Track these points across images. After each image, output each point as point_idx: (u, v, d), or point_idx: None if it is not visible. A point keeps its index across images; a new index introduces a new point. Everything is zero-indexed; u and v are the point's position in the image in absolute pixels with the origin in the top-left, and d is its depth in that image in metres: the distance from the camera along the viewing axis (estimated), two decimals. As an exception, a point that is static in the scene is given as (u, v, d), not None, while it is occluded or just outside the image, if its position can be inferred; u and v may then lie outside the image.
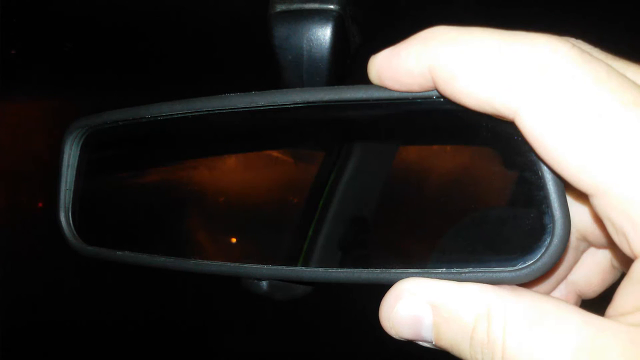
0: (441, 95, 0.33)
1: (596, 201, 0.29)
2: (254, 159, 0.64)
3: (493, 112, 0.30)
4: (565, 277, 0.44)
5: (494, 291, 0.32)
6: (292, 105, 0.39)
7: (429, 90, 0.33)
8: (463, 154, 0.50)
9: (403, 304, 0.34)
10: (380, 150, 0.58)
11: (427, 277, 0.34)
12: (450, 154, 0.52)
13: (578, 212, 0.38)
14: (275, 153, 0.63)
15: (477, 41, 0.30)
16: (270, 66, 0.47)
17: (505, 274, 0.32)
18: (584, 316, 0.30)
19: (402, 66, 0.33)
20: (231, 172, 0.64)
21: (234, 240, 0.59)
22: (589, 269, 0.44)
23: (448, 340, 0.33)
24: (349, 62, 0.48)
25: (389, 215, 0.57)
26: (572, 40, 0.32)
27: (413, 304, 0.34)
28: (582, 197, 0.31)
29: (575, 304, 0.45)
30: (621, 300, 0.31)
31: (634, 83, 0.29)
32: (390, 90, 0.35)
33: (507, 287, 0.33)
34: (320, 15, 0.44)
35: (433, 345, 0.34)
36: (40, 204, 2.39)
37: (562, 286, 0.45)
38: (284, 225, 0.60)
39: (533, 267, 0.32)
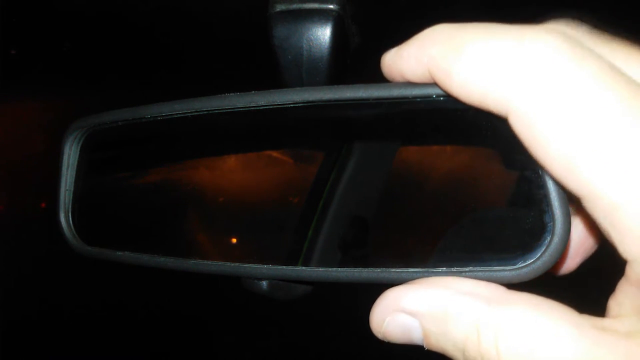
0: (440, 95, 0.33)
1: (585, 204, 0.29)
2: (254, 159, 0.64)
3: (488, 108, 0.30)
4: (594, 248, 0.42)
5: (483, 303, 0.31)
6: (291, 105, 0.39)
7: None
8: (463, 153, 0.50)
9: (390, 319, 0.34)
10: (380, 150, 0.58)
11: (427, 276, 0.34)
12: (449, 154, 0.51)
13: None
14: (274, 153, 0.62)
15: (469, 38, 0.30)
16: (270, 66, 0.46)
17: (506, 272, 0.32)
18: (579, 328, 0.29)
19: (405, 67, 0.33)
20: (231, 172, 0.64)
21: (234, 240, 0.59)
22: None
23: (440, 348, 0.33)
24: (348, 62, 0.48)
25: (389, 216, 0.57)
26: (570, 24, 0.32)
27: (400, 318, 0.34)
28: None
29: None
30: (619, 299, 0.31)
31: (628, 78, 0.28)
32: (389, 89, 0.35)
33: (498, 295, 0.32)
34: (319, 15, 0.44)
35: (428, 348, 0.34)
36: (43, 204, 2.39)
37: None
38: (284, 226, 0.60)
39: (533, 265, 0.32)
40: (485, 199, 0.44)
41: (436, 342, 0.33)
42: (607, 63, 0.28)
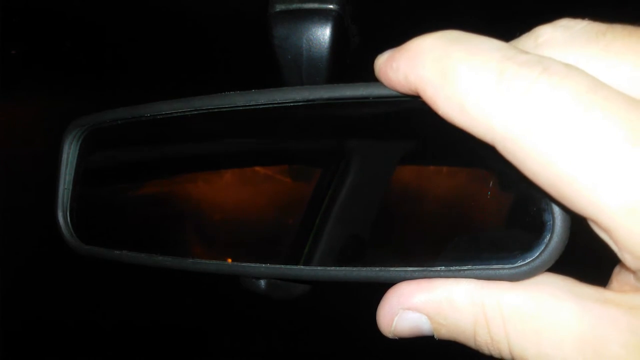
0: None
1: (589, 222, 0.28)
2: (251, 174, 0.64)
3: (475, 134, 0.30)
4: None
5: (485, 289, 0.32)
6: (292, 104, 0.39)
7: None
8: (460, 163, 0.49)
9: (398, 319, 0.35)
10: (377, 168, 0.57)
11: (426, 275, 0.34)
12: (447, 168, 0.51)
13: None
14: (270, 171, 0.62)
15: (455, 63, 0.29)
16: (270, 66, 0.47)
17: (505, 271, 0.32)
18: (582, 302, 0.30)
19: (394, 79, 0.33)
20: (230, 183, 0.64)
21: (229, 260, 0.59)
22: None
23: (451, 338, 0.34)
24: (348, 62, 0.48)
25: (386, 232, 0.56)
26: (564, 22, 0.31)
27: (407, 317, 0.34)
28: None
29: None
30: (622, 279, 0.31)
31: (610, 90, 0.27)
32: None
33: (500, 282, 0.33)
34: (319, 15, 0.44)
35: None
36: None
37: None
38: (279, 244, 0.59)
39: (532, 264, 0.32)
40: (484, 200, 0.44)
41: (447, 333, 0.34)
42: (588, 78, 0.27)
